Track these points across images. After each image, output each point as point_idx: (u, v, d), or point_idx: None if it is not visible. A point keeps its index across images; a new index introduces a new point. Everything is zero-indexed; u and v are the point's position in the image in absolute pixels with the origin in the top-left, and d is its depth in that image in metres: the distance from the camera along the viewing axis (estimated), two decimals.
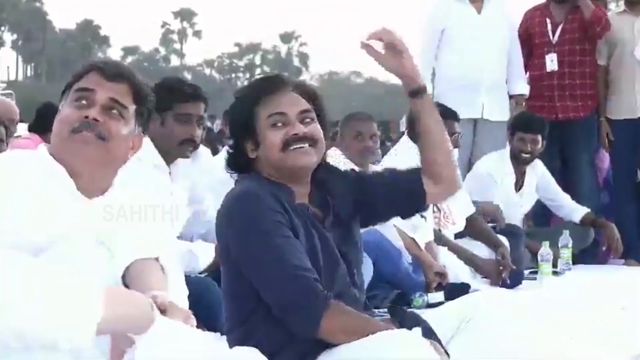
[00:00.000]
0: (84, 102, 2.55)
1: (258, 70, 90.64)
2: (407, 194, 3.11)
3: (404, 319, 2.83)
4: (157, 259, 2.49)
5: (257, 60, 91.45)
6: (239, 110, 2.97)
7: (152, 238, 2.55)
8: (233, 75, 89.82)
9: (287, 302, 2.73)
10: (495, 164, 6.86)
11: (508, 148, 6.93)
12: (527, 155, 6.85)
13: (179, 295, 2.52)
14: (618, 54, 7.56)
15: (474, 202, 6.35)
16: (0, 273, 1.86)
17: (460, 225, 6.20)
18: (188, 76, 72.19)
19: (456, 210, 6.14)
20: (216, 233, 2.94)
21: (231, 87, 69.26)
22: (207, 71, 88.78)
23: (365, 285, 3.26)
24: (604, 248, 7.12)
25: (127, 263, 2.42)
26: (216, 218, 2.92)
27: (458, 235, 6.21)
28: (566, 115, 7.52)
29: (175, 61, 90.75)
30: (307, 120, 2.93)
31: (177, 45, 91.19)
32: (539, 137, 6.85)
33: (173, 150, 4.35)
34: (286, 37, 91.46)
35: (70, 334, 1.88)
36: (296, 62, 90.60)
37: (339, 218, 3.00)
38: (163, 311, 2.12)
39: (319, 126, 2.96)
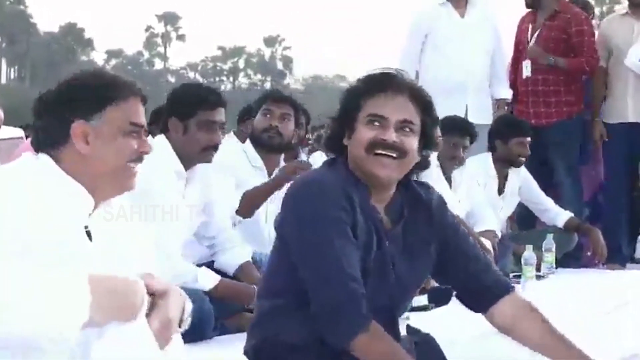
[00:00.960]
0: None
1: (242, 74, 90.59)
2: (474, 298, 3.07)
3: (419, 339, 2.90)
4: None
5: (241, 64, 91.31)
6: (349, 96, 2.92)
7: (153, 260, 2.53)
8: (217, 78, 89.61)
9: (330, 308, 2.68)
10: (479, 168, 6.85)
11: (489, 152, 6.92)
12: (524, 159, 6.87)
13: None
14: (615, 56, 7.56)
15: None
16: None
17: None
18: (171, 80, 72.09)
19: None
20: (281, 208, 2.88)
21: None
22: (191, 75, 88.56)
23: None
24: (588, 253, 7.10)
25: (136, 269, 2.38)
26: (285, 195, 2.88)
27: None
28: (538, 121, 7.52)
29: (158, 64, 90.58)
30: (406, 130, 2.86)
31: (160, 49, 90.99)
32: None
33: (195, 156, 4.34)
34: (270, 41, 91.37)
35: (57, 331, 1.88)
36: (280, 65, 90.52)
37: (408, 247, 2.95)
38: (155, 296, 2.16)
39: (414, 140, 2.88)
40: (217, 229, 4.67)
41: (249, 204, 5.06)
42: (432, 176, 6.11)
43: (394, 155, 2.83)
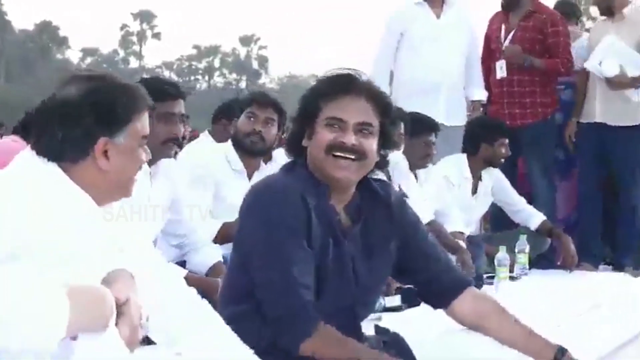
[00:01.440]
0: None
1: (217, 73, 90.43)
2: (435, 295, 3.13)
3: (388, 338, 2.94)
4: (132, 276, 2.44)
5: (217, 63, 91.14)
6: (309, 98, 2.95)
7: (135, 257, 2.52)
8: (192, 77, 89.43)
9: (278, 314, 2.73)
10: (453, 168, 6.84)
11: (462, 153, 6.91)
12: (504, 160, 6.88)
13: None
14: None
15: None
16: None
17: None
18: None
19: (416, 209, 5.99)
20: (239, 214, 2.91)
21: (190, 90, 68.97)
22: (166, 73, 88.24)
23: None
24: (558, 263, 7.06)
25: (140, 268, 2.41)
26: (242, 201, 2.91)
27: None
28: (514, 123, 7.52)
29: (134, 63, 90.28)
30: (365, 132, 2.89)
31: (136, 47, 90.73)
32: None
33: (157, 150, 4.28)
34: (245, 40, 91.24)
35: (37, 345, 1.89)
36: (255, 65, 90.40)
37: (368, 245, 2.97)
38: (120, 305, 2.17)
39: (373, 141, 2.91)
40: (186, 227, 4.66)
41: (227, 237, 4.96)
42: (403, 174, 6.11)
43: (353, 157, 2.87)
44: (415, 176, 6.47)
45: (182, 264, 4.62)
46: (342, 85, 2.92)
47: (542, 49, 7.58)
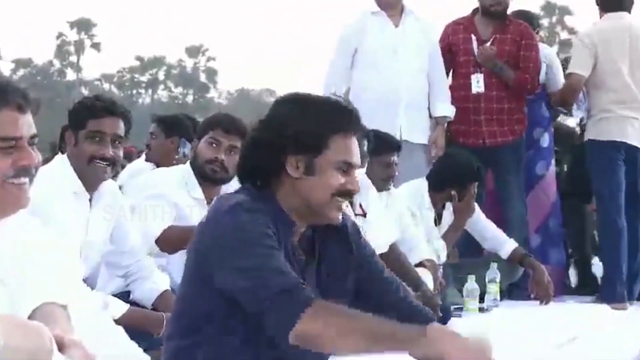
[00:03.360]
0: None
1: (162, 87, 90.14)
2: None
3: None
4: (64, 307, 2.46)
5: (161, 76, 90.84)
6: (312, 125, 2.89)
7: (63, 283, 2.51)
8: (134, 91, 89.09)
9: (267, 295, 2.68)
10: (413, 198, 6.78)
11: (423, 180, 6.88)
12: None
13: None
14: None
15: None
16: None
17: (380, 248, 5.94)
18: (85, 91, 71.56)
19: (378, 231, 5.86)
20: (193, 242, 2.89)
21: (131, 104, 68.72)
22: (106, 86, 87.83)
23: None
24: (532, 295, 7.03)
25: (34, 306, 2.39)
26: (198, 228, 2.88)
27: None
28: (494, 141, 7.54)
29: (71, 75, 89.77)
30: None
31: (73, 58, 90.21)
32: None
33: (84, 170, 4.32)
34: (193, 51, 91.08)
35: None
36: (203, 77, 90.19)
37: (323, 283, 2.98)
38: (61, 347, 2.16)
39: None
40: (130, 256, 4.62)
41: (176, 243, 4.87)
42: (369, 198, 6.03)
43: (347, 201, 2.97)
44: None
45: (127, 294, 4.57)
46: (353, 122, 2.96)
47: (514, 62, 7.62)
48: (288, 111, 2.94)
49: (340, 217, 2.95)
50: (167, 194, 5.03)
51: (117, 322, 4.09)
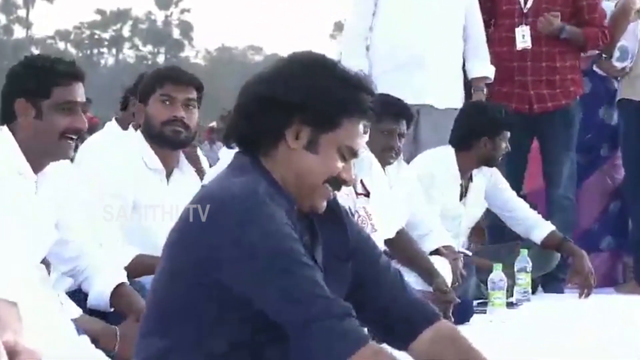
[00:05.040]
0: None
1: (127, 45, 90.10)
2: (390, 331, 3.13)
3: None
4: (14, 304, 2.47)
5: (126, 32, 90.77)
6: (331, 100, 2.93)
7: (12, 276, 2.52)
8: (95, 50, 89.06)
9: (314, 317, 2.73)
10: (440, 164, 6.80)
11: (449, 147, 6.88)
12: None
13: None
14: None
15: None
16: None
17: (385, 233, 5.97)
18: (35, 51, 71.45)
19: (383, 213, 5.85)
20: (180, 230, 2.93)
21: (92, 66, 68.68)
22: (61, 45, 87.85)
23: None
24: (569, 285, 7.07)
25: None
26: (189, 213, 2.90)
27: None
28: (543, 106, 7.53)
29: (19, 32, 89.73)
30: None
31: (21, 12, 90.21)
32: None
33: (51, 147, 4.28)
34: (163, 2, 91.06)
35: None
36: (176, 34, 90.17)
37: (327, 270, 2.98)
38: (12, 355, 2.19)
39: None
40: (77, 249, 4.57)
41: (145, 271, 4.86)
42: (373, 174, 6.03)
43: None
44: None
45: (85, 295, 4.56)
46: (370, 109, 3.01)
47: (570, 14, 7.61)
48: (307, 75, 2.95)
49: (324, 206, 2.99)
50: (123, 192, 4.98)
51: None
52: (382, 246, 5.69)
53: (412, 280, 5.78)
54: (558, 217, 7.27)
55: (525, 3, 7.58)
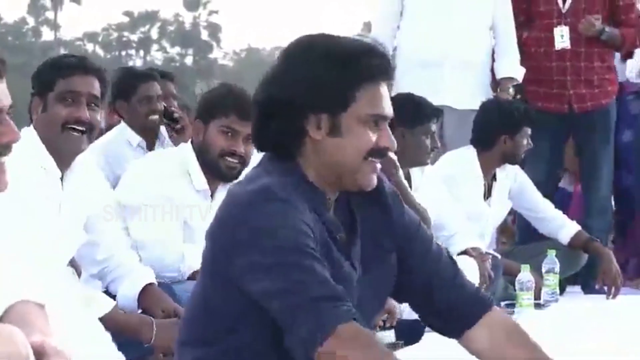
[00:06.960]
0: None
1: (155, 47, 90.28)
2: (443, 319, 3.11)
3: None
4: (42, 306, 2.48)
5: (154, 34, 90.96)
6: (334, 76, 2.88)
7: (40, 277, 2.53)
8: (123, 52, 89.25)
9: (304, 300, 2.70)
10: (462, 164, 6.82)
11: (471, 147, 6.89)
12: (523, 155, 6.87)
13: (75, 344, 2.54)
14: None
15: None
16: None
17: None
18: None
19: None
20: (212, 228, 2.91)
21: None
22: (89, 47, 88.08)
23: None
24: (597, 287, 7.07)
25: (5, 305, 2.41)
26: (218, 213, 2.90)
27: None
28: (583, 106, 7.53)
29: (47, 34, 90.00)
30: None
31: (49, 14, 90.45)
32: None
33: (56, 140, 4.27)
34: (192, 4, 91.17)
35: None
36: (205, 35, 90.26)
37: (366, 259, 3.00)
38: (41, 355, 2.19)
39: None
40: (108, 250, 4.58)
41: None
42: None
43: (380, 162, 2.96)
44: (408, 177, 6.35)
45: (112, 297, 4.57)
46: (383, 67, 2.94)
47: (607, 15, 7.62)
48: (301, 66, 2.90)
49: (375, 180, 2.94)
50: (167, 193, 4.91)
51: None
52: None
53: None
54: (597, 219, 7.27)
55: (564, 3, 7.56)
